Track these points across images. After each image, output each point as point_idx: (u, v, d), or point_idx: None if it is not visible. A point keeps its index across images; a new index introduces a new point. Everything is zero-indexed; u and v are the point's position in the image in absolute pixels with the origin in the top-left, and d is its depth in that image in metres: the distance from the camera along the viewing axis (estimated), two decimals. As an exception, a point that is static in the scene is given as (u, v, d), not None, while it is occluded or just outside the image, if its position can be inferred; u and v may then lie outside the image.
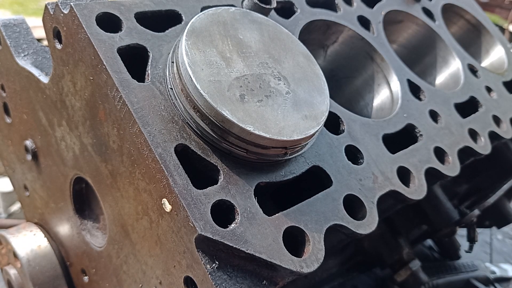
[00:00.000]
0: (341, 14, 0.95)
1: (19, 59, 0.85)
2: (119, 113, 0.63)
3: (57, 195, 0.90)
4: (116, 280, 0.79)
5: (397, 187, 0.76)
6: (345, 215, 0.68)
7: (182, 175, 0.59)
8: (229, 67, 0.64)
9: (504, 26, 4.72)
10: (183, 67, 0.61)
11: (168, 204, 0.59)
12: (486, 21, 1.27)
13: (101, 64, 0.63)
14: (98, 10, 0.66)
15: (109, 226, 0.76)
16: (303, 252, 0.62)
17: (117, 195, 0.70)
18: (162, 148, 0.60)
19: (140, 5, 0.71)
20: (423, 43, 1.14)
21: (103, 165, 0.71)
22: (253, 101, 0.62)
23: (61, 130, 0.79)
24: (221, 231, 0.57)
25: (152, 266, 0.68)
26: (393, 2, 1.07)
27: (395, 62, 0.96)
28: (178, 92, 0.63)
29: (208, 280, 0.57)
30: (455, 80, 1.08)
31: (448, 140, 0.90)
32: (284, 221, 0.63)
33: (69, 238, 0.91)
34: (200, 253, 0.57)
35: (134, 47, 0.67)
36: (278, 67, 0.68)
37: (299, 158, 0.70)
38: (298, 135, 0.63)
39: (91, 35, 0.64)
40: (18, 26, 0.89)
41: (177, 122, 0.63)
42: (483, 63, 1.27)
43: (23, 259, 0.92)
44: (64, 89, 0.74)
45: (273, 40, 0.71)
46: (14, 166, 1.03)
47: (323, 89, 0.70)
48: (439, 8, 1.18)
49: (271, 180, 0.66)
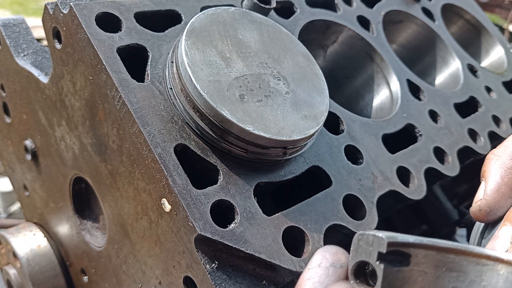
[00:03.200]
0: (340, 14, 0.95)
1: (18, 59, 0.85)
2: (118, 113, 0.63)
3: (57, 195, 0.90)
4: (116, 280, 0.79)
5: (397, 187, 0.76)
6: (345, 215, 0.68)
7: (181, 175, 0.59)
8: (229, 67, 0.64)
9: (504, 26, 4.72)
10: (182, 67, 0.61)
11: (167, 204, 0.59)
12: (485, 21, 1.27)
13: (100, 64, 0.63)
14: (98, 10, 0.66)
15: (109, 226, 0.76)
16: (303, 252, 0.62)
17: (117, 195, 0.70)
18: (161, 148, 0.60)
19: (139, 5, 0.71)
20: (423, 43, 1.14)
21: (103, 165, 0.71)
22: (253, 101, 0.62)
23: (60, 130, 0.79)
24: (221, 231, 0.57)
25: (151, 266, 0.68)
26: (393, 2, 1.07)
27: (394, 62, 0.96)
28: (177, 92, 0.63)
29: (207, 280, 0.57)
30: (454, 80, 1.08)
31: (448, 140, 0.90)
32: (283, 221, 0.63)
33: (69, 238, 0.91)
34: (199, 253, 0.57)
35: (133, 47, 0.67)
36: (277, 67, 0.68)
37: (298, 158, 0.70)
38: (297, 135, 0.63)
39: (91, 35, 0.64)
40: (18, 26, 0.89)
41: (176, 122, 0.63)
42: (483, 63, 1.27)
43: (23, 259, 0.92)
44: (63, 89, 0.74)
45: (272, 40, 0.71)
46: (14, 166, 1.03)
47: (323, 89, 0.70)
48: (438, 8, 1.18)
49: (270, 180, 0.66)
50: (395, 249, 0.36)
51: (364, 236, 0.36)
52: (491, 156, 0.49)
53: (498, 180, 0.48)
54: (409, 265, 0.36)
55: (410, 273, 0.37)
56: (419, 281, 0.37)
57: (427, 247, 0.37)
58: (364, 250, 0.36)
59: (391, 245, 0.35)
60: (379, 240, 0.35)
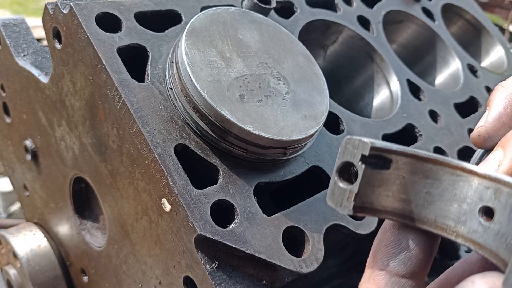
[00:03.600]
0: (340, 14, 0.95)
1: (18, 59, 0.85)
2: (118, 113, 0.63)
3: (57, 195, 0.90)
4: (116, 280, 0.79)
5: (397, 187, 0.76)
6: (345, 215, 0.68)
7: (181, 175, 0.59)
8: (229, 67, 0.64)
9: (504, 26, 4.72)
10: (182, 67, 0.61)
11: (167, 204, 0.59)
12: (486, 21, 1.27)
13: (100, 64, 0.63)
14: (98, 10, 0.66)
15: (109, 226, 0.76)
16: (303, 252, 0.62)
17: (117, 195, 0.70)
18: (161, 148, 0.60)
19: (139, 5, 0.71)
20: (423, 43, 1.14)
21: (103, 165, 0.71)
22: (253, 101, 0.62)
23: (60, 130, 0.79)
24: (221, 231, 0.57)
25: (151, 266, 0.68)
26: (393, 2, 1.07)
27: (394, 62, 0.96)
28: (177, 92, 0.63)
29: (207, 280, 0.57)
30: (454, 80, 1.08)
31: (448, 140, 0.90)
32: (283, 221, 0.63)
33: (69, 238, 0.91)
34: (199, 253, 0.57)
35: (133, 47, 0.67)
36: (277, 67, 0.68)
37: (298, 158, 0.70)
38: (297, 135, 0.63)
39: (91, 35, 0.64)
40: (18, 26, 0.89)
41: (176, 122, 0.63)
42: (483, 63, 1.27)
43: (23, 259, 0.92)
44: (63, 89, 0.74)
45: (272, 40, 0.71)
46: (14, 166, 1.03)
47: (323, 89, 0.70)
48: (439, 8, 1.18)
49: (270, 180, 0.66)
50: (378, 153, 0.39)
51: (351, 140, 0.40)
52: (499, 87, 0.50)
53: (501, 109, 0.49)
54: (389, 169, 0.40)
55: (389, 176, 0.40)
56: (396, 184, 0.40)
57: (407, 154, 0.40)
58: (349, 152, 0.40)
59: (374, 149, 0.39)
60: (363, 144, 0.39)
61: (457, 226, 0.39)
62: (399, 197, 0.41)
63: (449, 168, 0.40)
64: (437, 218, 0.40)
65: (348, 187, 0.40)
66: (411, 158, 0.40)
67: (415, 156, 0.40)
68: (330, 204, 0.41)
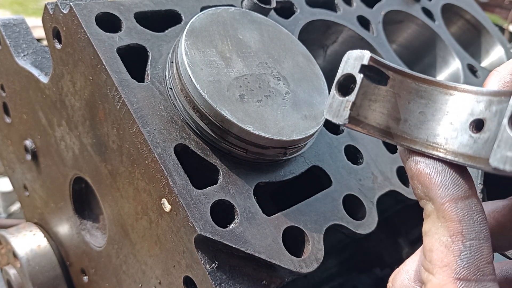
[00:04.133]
0: (340, 14, 0.95)
1: (18, 59, 0.85)
2: (118, 113, 0.63)
3: (57, 195, 0.90)
4: (116, 280, 0.79)
5: (397, 187, 0.76)
6: (345, 215, 0.68)
7: (181, 175, 0.59)
8: (229, 67, 0.64)
9: (504, 26, 4.72)
10: (182, 67, 0.61)
11: (167, 204, 0.59)
12: (486, 21, 1.27)
13: (100, 64, 0.63)
14: (98, 10, 0.66)
15: (109, 226, 0.76)
16: (303, 252, 0.62)
17: (117, 195, 0.70)
18: (161, 148, 0.60)
19: (139, 5, 0.71)
20: (423, 43, 1.14)
21: (103, 165, 0.71)
22: (253, 101, 0.62)
23: (60, 130, 0.79)
24: (221, 231, 0.57)
25: (151, 266, 0.68)
26: (393, 2, 1.07)
27: (394, 62, 0.96)
28: (177, 92, 0.63)
29: (207, 280, 0.57)
30: (454, 80, 1.08)
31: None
32: (283, 221, 0.63)
33: (69, 238, 0.91)
34: (199, 253, 0.57)
35: (133, 47, 0.67)
36: (277, 67, 0.68)
37: (298, 158, 0.70)
38: (297, 135, 0.63)
39: (91, 35, 0.64)
40: (17, 26, 0.89)
41: (176, 122, 0.63)
42: (483, 63, 1.27)
43: (23, 259, 0.92)
44: (63, 89, 0.74)
45: (272, 40, 0.71)
46: (14, 166, 1.03)
47: (323, 89, 0.70)
48: (439, 8, 1.18)
49: (270, 180, 0.66)
50: (376, 66, 0.40)
51: (352, 53, 0.41)
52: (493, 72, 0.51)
53: None
54: (386, 85, 0.41)
55: (386, 93, 0.41)
56: (392, 102, 0.42)
57: (404, 73, 0.42)
58: (350, 65, 0.41)
59: (373, 60, 0.40)
60: (363, 54, 0.40)
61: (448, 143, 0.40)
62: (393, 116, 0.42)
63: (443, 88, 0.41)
64: (429, 137, 0.41)
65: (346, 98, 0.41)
66: (407, 78, 0.42)
67: (411, 76, 0.42)
68: (327, 116, 0.42)
